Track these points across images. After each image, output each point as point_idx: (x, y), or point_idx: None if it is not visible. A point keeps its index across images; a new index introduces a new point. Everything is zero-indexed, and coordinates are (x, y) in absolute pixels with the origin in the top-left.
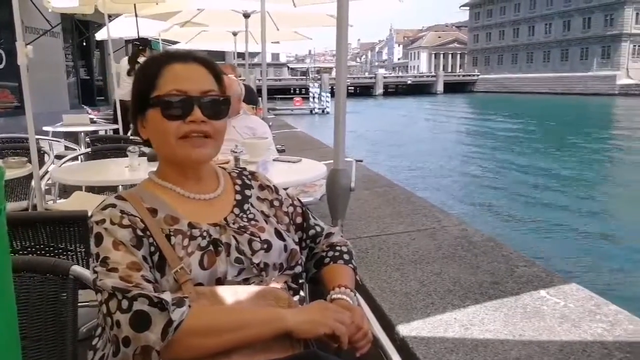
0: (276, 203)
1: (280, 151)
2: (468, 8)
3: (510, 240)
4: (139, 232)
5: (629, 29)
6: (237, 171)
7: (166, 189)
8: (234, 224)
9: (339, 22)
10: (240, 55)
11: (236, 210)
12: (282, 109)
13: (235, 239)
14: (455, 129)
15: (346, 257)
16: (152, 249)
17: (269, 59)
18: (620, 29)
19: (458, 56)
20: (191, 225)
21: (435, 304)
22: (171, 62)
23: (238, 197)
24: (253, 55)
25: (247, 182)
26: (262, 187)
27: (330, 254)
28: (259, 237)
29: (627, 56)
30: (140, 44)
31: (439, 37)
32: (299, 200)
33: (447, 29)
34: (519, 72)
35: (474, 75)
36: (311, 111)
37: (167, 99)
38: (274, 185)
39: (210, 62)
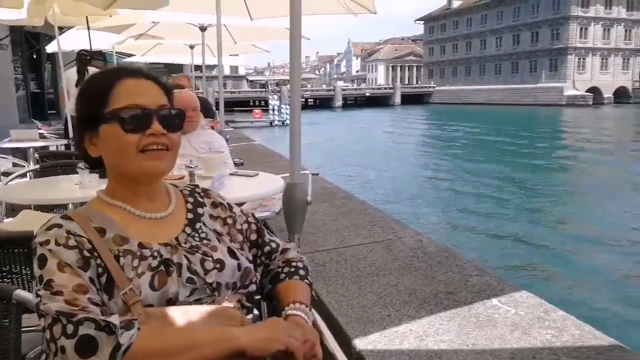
0: (229, 221)
1: (238, 164)
2: (423, 22)
3: (454, 242)
4: (86, 253)
5: (574, 43)
6: (189, 189)
7: (116, 208)
8: (185, 243)
9: (292, 36)
10: (198, 67)
11: (188, 229)
12: (241, 121)
13: (187, 258)
14: (411, 139)
15: (302, 272)
16: (100, 270)
17: (227, 72)
18: (566, 42)
19: (414, 68)
20: (141, 245)
21: (391, 316)
22: (122, 77)
23: (190, 215)
24: (211, 67)
25: (200, 199)
26: (215, 205)
27: (286, 270)
28: (212, 256)
29: (572, 68)
30: (88, 54)
31: (396, 50)
32: (254, 217)
33: (403, 42)
34: (473, 83)
35: (429, 87)
36: (271, 123)
37: (125, 112)
38: (227, 203)
39: (160, 78)
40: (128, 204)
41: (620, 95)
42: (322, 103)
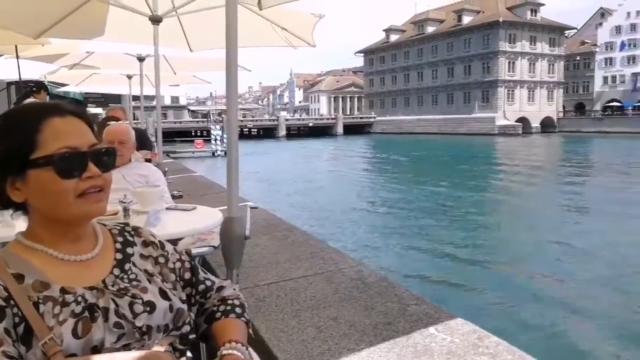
0: (161, 260)
1: (177, 197)
2: (363, 54)
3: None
4: (1, 302)
5: (503, 76)
6: (118, 228)
7: (36, 252)
8: (113, 285)
9: (228, 69)
10: (137, 98)
11: (116, 271)
12: (183, 152)
13: (115, 302)
14: (353, 167)
15: (238, 310)
16: (17, 320)
17: (168, 102)
18: (496, 75)
19: (356, 99)
20: (64, 291)
21: (331, 349)
22: (48, 116)
23: (119, 255)
24: (150, 98)
25: (130, 238)
26: (146, 244)
27: (222, 308)
28: (142, 298)
29: (503, 100)
30: (34, 85)
31: (337, 82)
32: (188, 255)
33: (344, 74)
34: (412, 114)
35: (370, 118)
36: (213, 153)
37: (59, 157)
38: (159, 241)
39: (85, 114)
40: (50, 247)
41: (547, 125)
42: (266, 133)
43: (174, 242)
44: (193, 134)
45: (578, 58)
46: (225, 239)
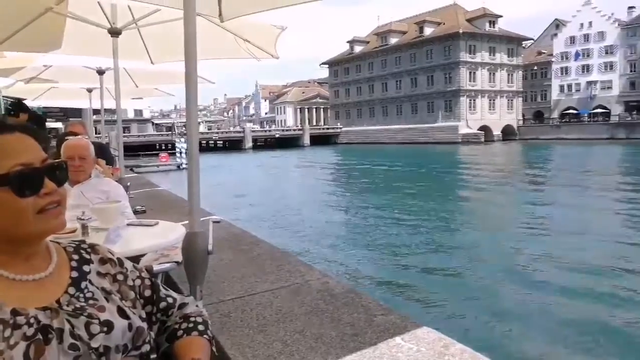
0: (120, 277)
1: (139, 213)
2: (327, 66)
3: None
4: None
5: (465, 86)
6: (73, 245)
7: None
8: (68, 305)
9: (187, 81)
10: (98, 112)
11: (71, 290)
12: (147, 165)
13: (70, 322)
14: (319, 177)
15: (201, 327)
16: None
17: (131, 115)
18: (458, 85)
19: (322, 110)
20: (15, 312)
21: None
22: None
23: (74, 274)
24: (112, 111)
25: (86, 256)
26: (103, 261)
27: (184, 325)
28: (98, 318)
29: (465, 109)
30: (12, 109)
31: (303, 93)
32: (149, 272)
33: (310, 85)
34: (377, 124)
35: (337, 128)
36: (179, 167)
37: (16, 176)
38: (117, 258)
39: (33, 129)
40: (1, 268)
41: (508, 133)
42: (232, 145)
43: (136, 258)
44: (158, 147)
45: (535, 68)
46: (187, 255)
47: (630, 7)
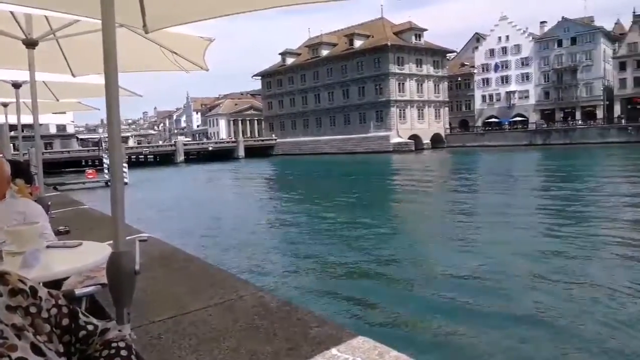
0: (33, 309)
1: (63, 233)
2: (260, 77)
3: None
4: None
5: (395, 96)
6: None
7: None
8: None
9: (108, 93)
10: (15, 127)
11: None
12: (72, 183)
13: None
14: (253, 190)
15: (123, 353)
16: None
17: (53, 131)
18: (388, 96)
19: (255, 122)
20: None
21: None
22: None
23: None
24: (31, 127)
25: None
26: (14, 292)
27: (104, 353)
28: (9, 357)
29: (395, 119)
30: None
31: (236, 105)
32: (70, 296)
33: (242, 97)
34: (311, 135)
35: (272, 140)
36: (106, 183)
37: None
38: (30, 286)
39: None
40: None
41: (437, 141)
42: (164, 159)
43: (58, 282)
44: (84, 163)
45: (459, 79)
46: (112, 276)
47: (542, 22)
